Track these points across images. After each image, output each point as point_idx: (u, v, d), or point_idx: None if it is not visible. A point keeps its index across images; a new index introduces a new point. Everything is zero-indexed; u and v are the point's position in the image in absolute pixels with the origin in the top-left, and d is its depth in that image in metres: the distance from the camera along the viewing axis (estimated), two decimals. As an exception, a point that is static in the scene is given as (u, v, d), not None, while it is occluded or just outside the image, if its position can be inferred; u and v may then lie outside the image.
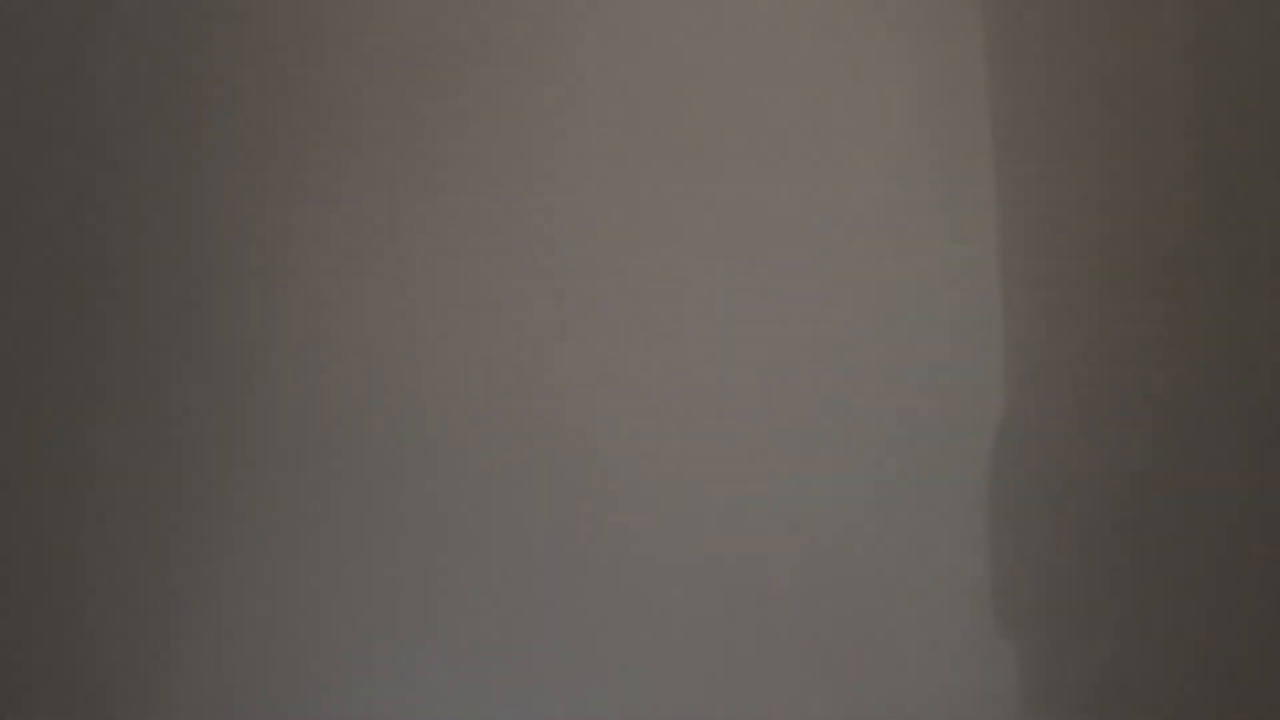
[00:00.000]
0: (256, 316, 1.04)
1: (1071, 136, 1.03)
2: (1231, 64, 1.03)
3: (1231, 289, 1.01)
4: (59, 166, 1.07)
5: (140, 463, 1.02)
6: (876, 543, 1.00)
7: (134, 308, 1.05)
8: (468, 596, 1.00)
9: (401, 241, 1.05)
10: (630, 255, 1.05)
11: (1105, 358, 1.01)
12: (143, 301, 1.05)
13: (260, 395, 1.03)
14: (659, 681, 0.99)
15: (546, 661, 1.00)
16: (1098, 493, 0.99)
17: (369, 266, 1.05)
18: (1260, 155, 1.02)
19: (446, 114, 1.06)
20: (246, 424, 1.02)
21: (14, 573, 1.01)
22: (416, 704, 0.99)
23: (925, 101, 1.04)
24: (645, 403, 1.03)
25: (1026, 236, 1.03)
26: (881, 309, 1.03)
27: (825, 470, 1.01)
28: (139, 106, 1.07)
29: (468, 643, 1.00)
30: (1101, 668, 0.97)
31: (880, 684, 0.98)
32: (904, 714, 0.98)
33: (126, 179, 1.06)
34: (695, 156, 1.05)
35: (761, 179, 1.05)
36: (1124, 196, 1.02)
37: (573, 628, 1.00)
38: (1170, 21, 1.03)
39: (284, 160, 1.06)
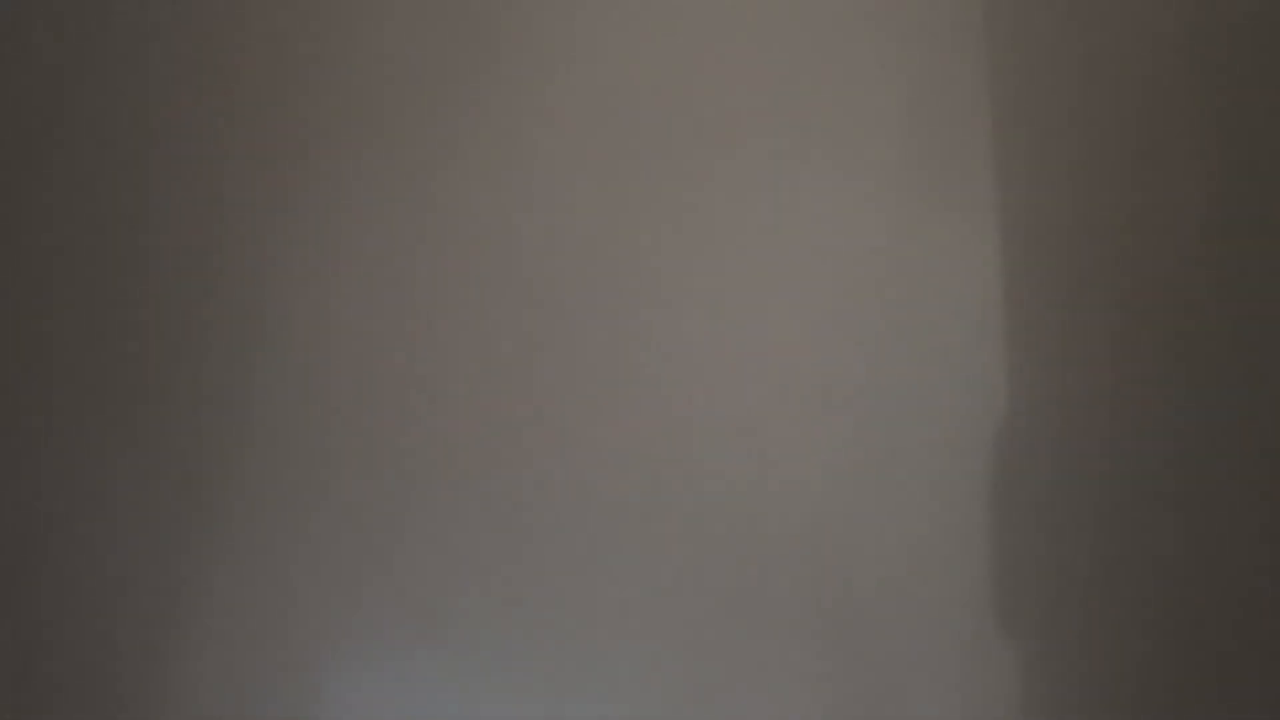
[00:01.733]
0: (257, 317, 1.04)
1: (1072, 136, 1.03)
2: (1232, 63, 1.03)
3: (1234, 287, 1.01)
4: (63, 165, 1.07)
5: (142, 460, 1.02)
6: (876, 542, 1.00)
7: (135, 307, 1.05)
8: (467, 595, 1.00)
9: (406, 244, 1.05)
10: (632, 254, 1.05)
11: (1106, 357, 1.01)
12: (144, 301, 1.05)
13: (261, 394, 1.03)
14: (658, 683, 0.99)
15: (544, 661, 0.99)
16: (1098, 492, 0.99)
17: (373, 269, 1.05)
18: (1262, 153, 1.02)
19: (450, 118, 1.07)
20: (246, 423, 1.02)
21: (13, 570, 1.00)
22: (416, 700, 0.99)
23: (926, 100, 1.05)
24: (645, 404, 1.03)
25: (1027, 236, 1.02)
26: (882, 309, 1.03)
27: (825, 470, 1.01)
28: (143, 108, 1.07)
29: (467, 640, 1.00)
30: (1101, 668, 0.97)
31: (880, 684, 0.98)
32: (904, 714, 0.98)
33: (131, 180, 1.06)
34: (697, 158, 1.05)
35: (762, 179, 1.05)
36: (1126, 195, 1.02)
37: (570, 628, 1.00)
38: (1170, 20, 1.03)
39: (288, 162, 1.06)
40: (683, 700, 0.99)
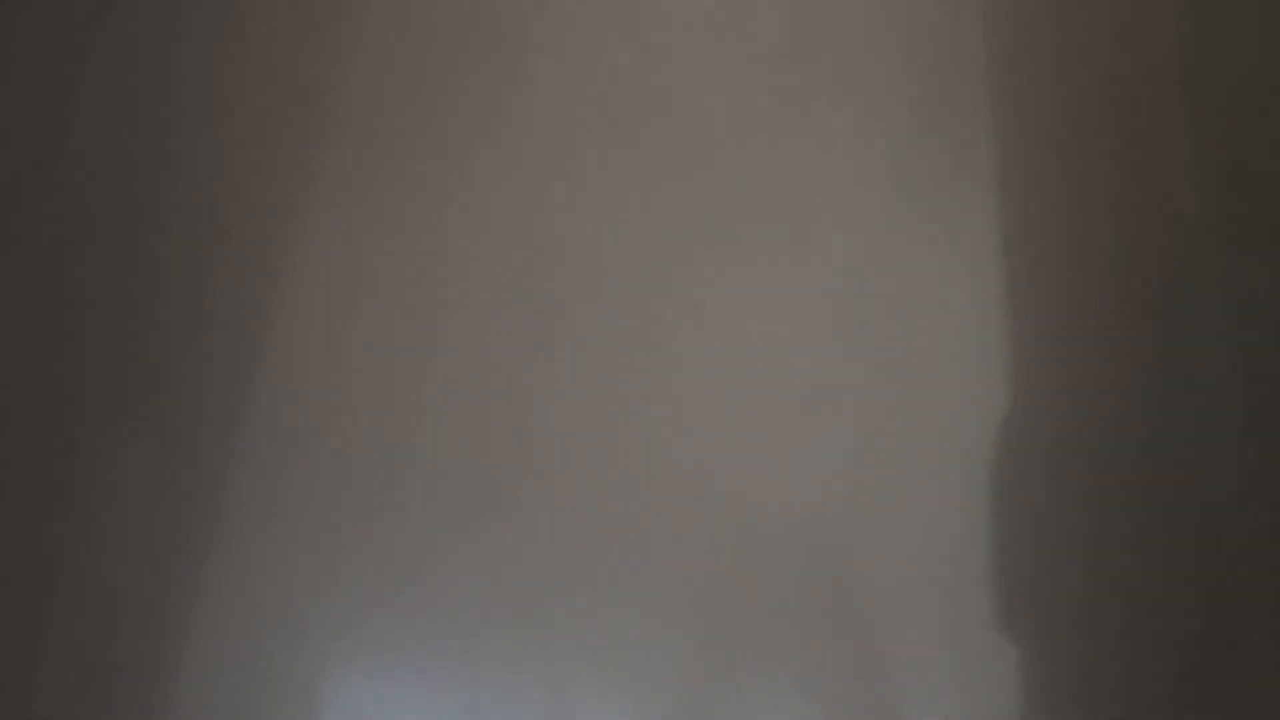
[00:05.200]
0: (261, 318, 1.04)
1: (1073, 136, 1.04)
2: (1235, 66, 1.03)
3: (1235, 289, 1.01)
4: (68, 163, 1.07)
5: (143, 460, 1.02)
6: (876, 543, 1.00)
7: (139, 307, 1.05)
8: (470, 595, 1.00)
9: (410, 246, 1.06)
10: (631, 256, 1.05)
11: (1107, 358, 1.01)
12: (148, 301, 1.05)
13: (265, 396, 1.03)
14: (658, 683, 0.99)
15: (545, 663, 1.00)
16: (1099, 493, 0.99)
17: (379, 271, 1.05)
18: (1264, 155, 1.02)
19: (457, 120, 1.07)
20: (250, 424, 1.03)
21: (13, 571, 1.01)
22: (418, 702, 0.99)
23: (926, 101, 1.05)
24: (644, 406, 1.03)
25: (1028, 234, 1.03)
26: (881, 309, 1.03)
27: (825, 471, 1.01)
28: (150, 107, 1.08)
29: (469, 640, 1.00)
30: (1102, 668, 0.97)
31: (879, 684, 0.98)
32: (903, 714, 0.98)
33: (139, 176, 1.07)
34: (696, 160, 1.06)
35: (761, 178, 1.05)
36: (1127, 196, 1.03)
37: (570, 629, 1.00)
38: (1171, 21, 1.04)
39: (293, 163, 1.07)
40: (682, 700, 0.99)
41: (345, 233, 1.05)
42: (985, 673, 0.98)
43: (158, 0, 1.08)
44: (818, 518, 1.01)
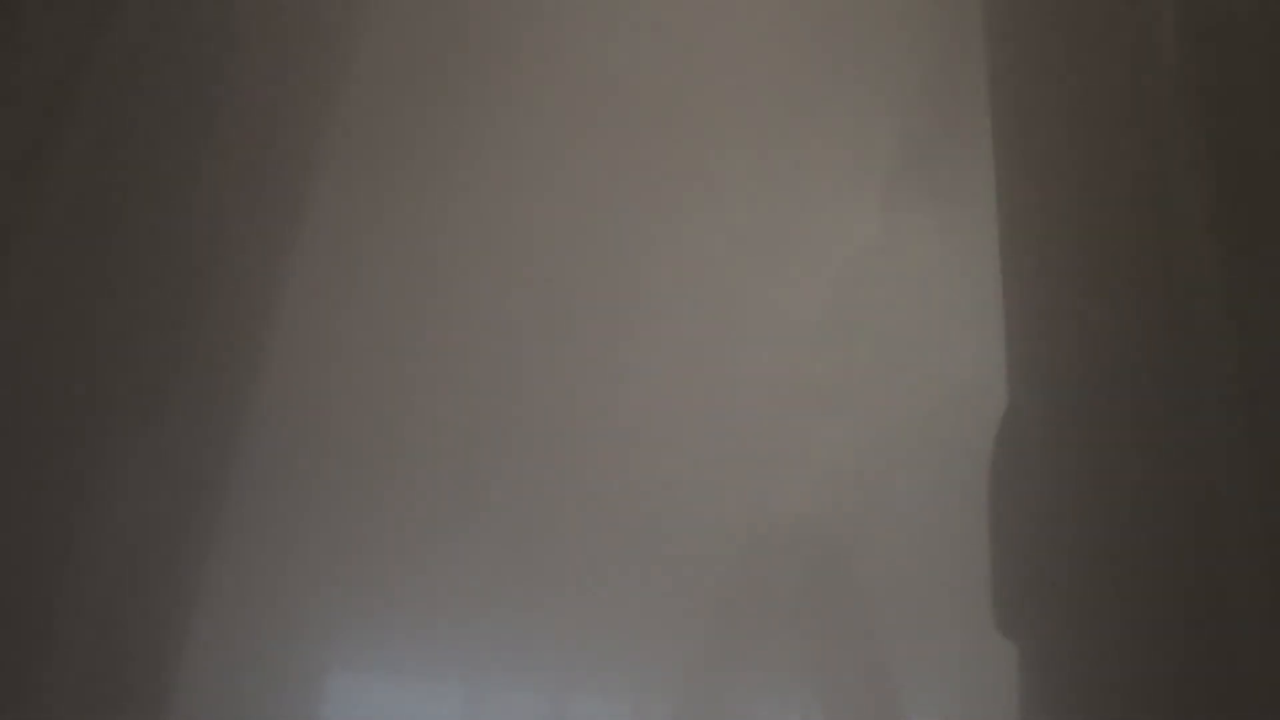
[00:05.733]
0: (261, 318, 1.04)
1: (1073, 135, 1.03)
2: (1234, 61, 1.03)
3: (1234, 287, 1.01)
4: (68, 165, 1.07)
5: (144, 459, 1.02)
6: (875, 542, 1.00)
7: (141, 306, 1.05)
8: (470, 596, 1.00)
9: (411, 246, 1.05)
10: (628, 255, 1.05)
11: (1107, 356, 1.01)
12: (149, 301, 1.05)
13: (265, 396, 1.03)
14: (658, 684, 0.99)
15: (545, 663, 0.99)
16: (1099, 492, 0.99)
17: (377, 271, 1.05)
18: (1264, 152, 1.02)
19: (454, 122, 1.07)
20: (249, 424, 1.03)
21: (14, 570, 1.01)
22: (418, 702, 0.99)
23: (926, 99, 1.05)
24: (642, 406, 1.03)
25: (1027, 233, 1.02)
26: (880, 308, 1.03)
27: (823, 470, 1.01)
28: (150, 107, 1.07)
29: (470, 640, 1.00)
30: (1102, 668, 0.97)
31: (879, 684, 0.98)
32: (903, 714, 0.98)
33: (138, 181, 1.06)
34: (694, 159, 1.06)
35: (760, 176, 1.05)
36: (1126, 193, 1.02)
37: (570, 631, 1.00)
38: (1172, 21, 1.03)
39: (296, 165, 1.06)
40: (682, 700, 0.99)
41: (345, 233, 1.05)
42: (985, 673, 0.97)
43: (158, 2, 1.08)
44: (818, 518, 1.00)
